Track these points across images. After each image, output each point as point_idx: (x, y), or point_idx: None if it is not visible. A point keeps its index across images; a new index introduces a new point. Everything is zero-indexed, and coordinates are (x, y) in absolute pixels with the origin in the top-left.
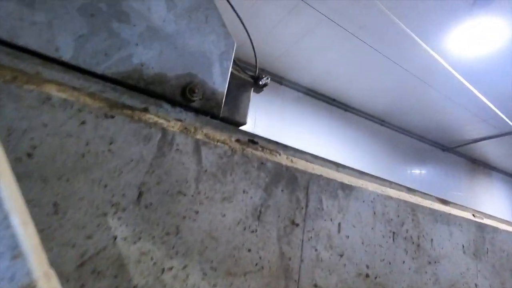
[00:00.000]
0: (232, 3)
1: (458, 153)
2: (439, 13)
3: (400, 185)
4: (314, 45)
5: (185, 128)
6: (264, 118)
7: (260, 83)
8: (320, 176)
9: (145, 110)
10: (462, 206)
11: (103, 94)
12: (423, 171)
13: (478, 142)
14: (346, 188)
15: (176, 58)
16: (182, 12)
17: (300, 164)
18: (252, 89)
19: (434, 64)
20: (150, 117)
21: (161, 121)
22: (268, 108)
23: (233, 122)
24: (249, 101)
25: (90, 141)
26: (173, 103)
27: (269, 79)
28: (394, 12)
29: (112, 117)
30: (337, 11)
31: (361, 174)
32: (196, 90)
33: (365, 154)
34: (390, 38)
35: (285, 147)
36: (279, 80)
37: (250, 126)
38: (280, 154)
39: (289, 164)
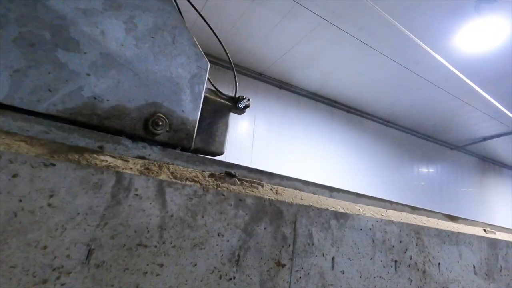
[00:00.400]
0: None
1: (467, 151)
2: (443, 13)
3: (403, 205)
4: (313, 47)
5: (147, 169)
6: (263, 122)
7: (240, 105)
8: (310, 206)
9: (100, 149)
10: (472, 221)
11: (46, 136)
12: (431, 170)
13: (488, 140)
14: (341, 217)
15: (137, 87)
16: (144, 34)
17: (287, 194)
18: (230, 113)
19: (441, 65)
20: (103, 160)
21: (117, 162)
22: (268, 112)
23: (208, 153)
24: (227, 127)
25: (25, 197)
26: (135, 138)
27: (249, 100)
28: (395, 13)
29: (53, 165)
30: (335, 13)
31: (358, 197)
32: (161, 123)
33: (370, 155)
34: (392, 39)
35: (270, 176)
36: (278, 84)
37: (250, 130)
38: (262, 186)
39: (273, 197)
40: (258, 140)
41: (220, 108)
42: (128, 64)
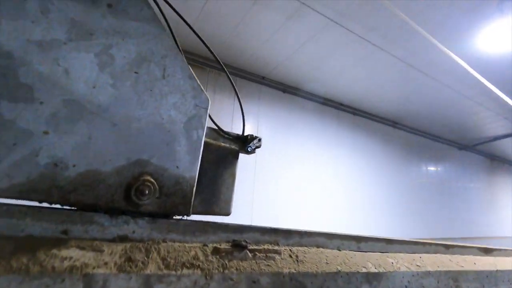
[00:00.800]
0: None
1: (476, 151)
2: (462, 12)
3: (437, 244)
4: (318, 49)
5: (128, 259)
6: (267, 128)
7: (249, 148)
8: (338, 273)
9: (65, 234)
10: (507, 250)
11: None
12: (439, 168)
13: (499, 140)
14: (373, 279)
15: (115, 142)
16: (124, 69)
17: (310, 259)
18: (238, 160)
19: (452, 64)
20: (66, 257)
21: (86, 257)
22: (271, 117)
23: (211, 214)
24: (234, 179)
25: None
26: (113, 212)
27: (260, 141)
28: (410, 12)
29: None
30: (343, 14)
31: (389, 243)
32: (147, 190)
33: (377, 158)
34: (405, 40)
35: (287, 235)
36: (282, 87)
37: (254, 131)
38: (280, 254)
39: (293, 268)
40: (262, 146)
41: (225, 155)
42: (103, 111)
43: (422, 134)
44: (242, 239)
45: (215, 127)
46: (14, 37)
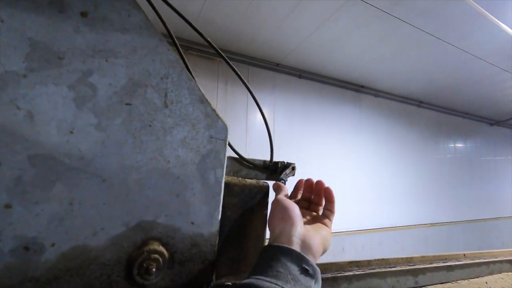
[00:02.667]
0: None
1: (510, 126)
2: None
3: (501, 261)
4: (336, 30)
5: None
6: (283, 116)
7: (283, 180)
8: None
9: None
10: None
11: None
12: (469, 147)
13: None
14: None
15: (107, 204)
16: (111, 101)
17: None
18: (268, 198)
19: (493, 36)
20: None
21: None
22: (288, 105)
23: (237, 274)
24: (265, 224)
25: None
26: None
27: (295, 169)
28: None
29: None
30: None
31: (450, 270)
32: (155, 267)
33: (402, 139)
34: (432, 10)
35: (333, 282)
36: (298, 73)
37: (270, 125)
38: None
39: None
40: (279, 136)
41: (253, 196)
42: (87, 165)
43: (450, 112)
44: None
45: (235, 155)
46: None
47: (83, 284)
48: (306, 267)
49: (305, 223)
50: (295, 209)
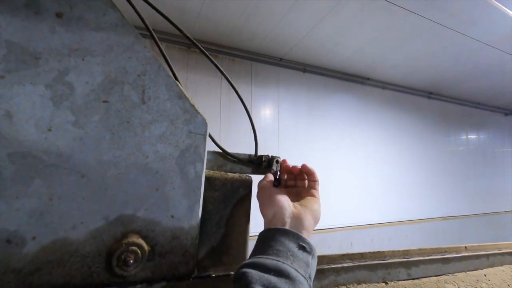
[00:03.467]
0: None
1: None
2: None
3: (503, 254)
4: (339, 23)
5: None
6: (288, 112)
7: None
8: None
9: None
10: None
11: None
12: (481, 136)
13: None
14: None
15: (86, 199)
16: (88, 99)
17: None
18: (251, 192)
19: (498, 18)
20: None
21: None
22: (292, 100)
23: (220, 267)
24: (248, 218)
25: None
26: (93, 286)
27: (279, 162)
28: None
29: None
30: None
31: (446, 262)
32: (133, 259)
33: (411, 133)
34: (438, 0)
35: (320, 274)
36: (302, 67)
37: (274, 123)
38: None
39: None
40: (284, 132)
41: (235, 189)
42: (65, 161)
43: (461, 102)
44: None
45: (218, 149)
46: None
47: (64, 275)
48: (303, 245)
49: (293, 200)
50: (279, 193)
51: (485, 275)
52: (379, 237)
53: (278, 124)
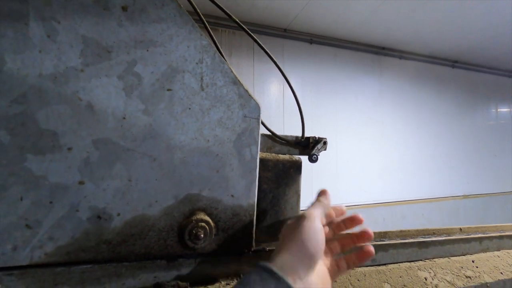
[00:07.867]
0: None
1: None
2: None
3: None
4: None
5: None
6: (294, 86)
7: (314, 157)
8: None
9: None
10: None
11: None
12: None
13: None
14: None
15: (158, 180)
16: (154, 88)
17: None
18: (301, 172)
19: None
20: None
21: None
22: (299, 74)
23: (275, 246)
24: (298, 197)
25: None
26: (169, 258)
27: (326, 143)
28: None
29: None
30: None
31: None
32: (203, 233)
33: (432, 105)
34: None
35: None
36: (309, 38)
37: (279, 99)
38: None
39: None
40: (290, 109)
41: (286, 170)
42: (139, 146)
43: (491, 71)
44: None
45: (267, 132)
46: (24, 75)
47: (145, 246)
48: None
49: (326, 264)
50: (320, 247)
51: (473, 261)
52: (392, 216)
53: (283, 100)
